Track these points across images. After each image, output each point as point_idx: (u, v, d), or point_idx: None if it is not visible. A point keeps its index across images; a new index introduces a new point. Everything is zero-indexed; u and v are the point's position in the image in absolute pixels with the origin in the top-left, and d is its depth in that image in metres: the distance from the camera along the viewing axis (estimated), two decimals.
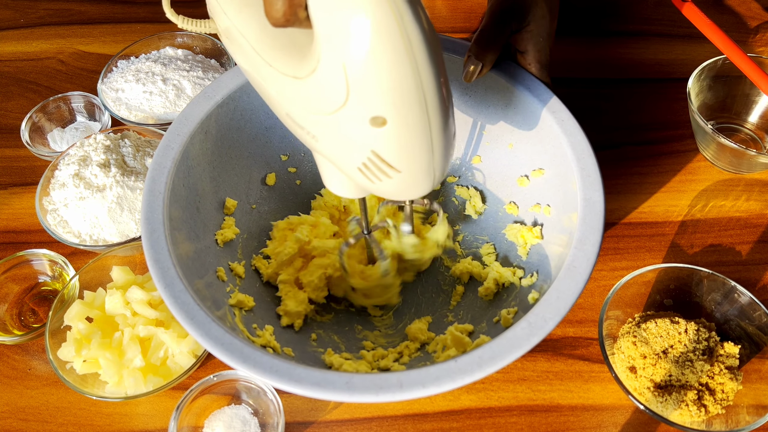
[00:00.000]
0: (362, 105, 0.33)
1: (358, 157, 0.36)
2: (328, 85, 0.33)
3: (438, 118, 0.35)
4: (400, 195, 0.39)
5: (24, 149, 0.72)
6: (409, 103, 0.33)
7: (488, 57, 0.53)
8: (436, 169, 0.38)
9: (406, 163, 0.36)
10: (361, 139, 0.35)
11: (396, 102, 0.33)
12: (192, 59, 0.77)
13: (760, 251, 0.63)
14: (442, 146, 0.37)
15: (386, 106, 0.33)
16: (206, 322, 0.43)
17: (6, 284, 0.61)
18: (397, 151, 0.35)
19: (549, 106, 0.53)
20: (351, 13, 0.30)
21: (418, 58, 0.32)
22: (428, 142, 0.36)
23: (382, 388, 0.40)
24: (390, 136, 0.34)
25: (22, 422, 0.55)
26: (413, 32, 0.31)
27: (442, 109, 0.35)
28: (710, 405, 0.52)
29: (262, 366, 0.41)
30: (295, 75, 0.36)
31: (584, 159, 0.50)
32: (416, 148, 0.36)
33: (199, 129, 0.53)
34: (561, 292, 0.44)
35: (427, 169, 0.37)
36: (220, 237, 0.55)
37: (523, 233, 0.55)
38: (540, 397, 0.55)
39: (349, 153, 0.37)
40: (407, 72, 0.32)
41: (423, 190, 0.39)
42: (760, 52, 0.80)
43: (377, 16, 0.30)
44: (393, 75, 0.32)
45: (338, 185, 0.44)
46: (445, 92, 0.35)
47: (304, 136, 0.39)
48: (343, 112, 0.34)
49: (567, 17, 0.85)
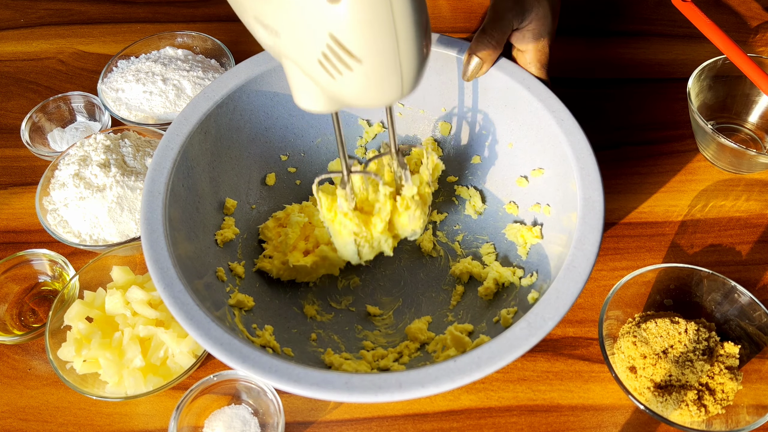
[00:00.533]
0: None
1: (318, 45, 0.35)
2: None
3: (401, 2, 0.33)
4: (365, 96, 0.37)
5: (24, 149, 0.72)
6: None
7: (489, 55, 0.53)
8: (403, 66, 0.36)
9: (365, 49, 0.34)
10: (318, 22, 0.34)
11: None
12: (192, 59, 0.77)
13: (760, 251, 0.63)
14: (408, 34, 0.35)
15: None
16: (205, 322, 0.43)
17: (6, 284, 0.61)
18: (355, 33, 0.34)
19: (548, 105, 0.53)
20: None
21: None
22: (390, 25, 0.34)
23: (381, 388, 0.40)
24: (347, 13, 0.33)
25: (22, 422, 0.55)
26: None
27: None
28: (710, 405, 0.52)
29: (261, 366, 0.41)
30: None
31: (584, 158, 0.50)
32: (376, 30, 0.34)
33: (198, 129, 0.53)
34: (560, 291, 0.44)
35: (391, 62, 0.35)
36: (219, 237, 0.55)
37: (522, 233, 0.55)
38: (540, 397, 0.55)
39: (309, 42, 0.35)
40: None
41: (392, 92, 0.37)
42: (760, 52, 0.80)
43: None
44: None
45: (308, 96, 0.40)
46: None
47: (268, 38, 0.38)
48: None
49: (567, 17, 0.85)
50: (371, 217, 0.52)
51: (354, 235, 0.52)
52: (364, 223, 0.51)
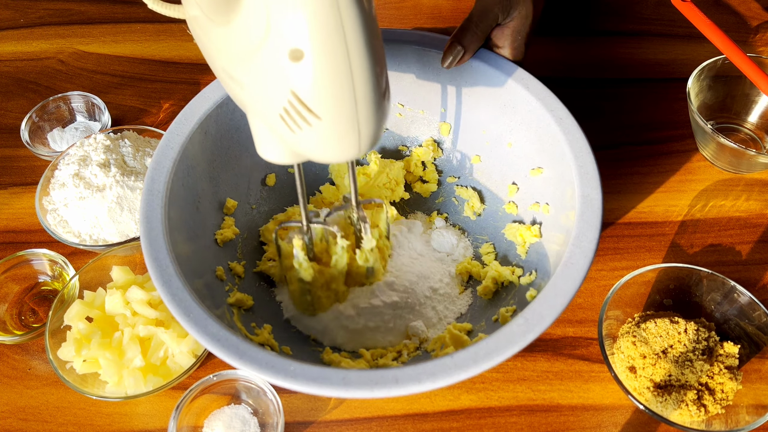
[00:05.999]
0: (281, 38, 0.33)
1: (279, 100, 0.36)
2: (251, 22, 0.34)
3: (360, 57, 0.34)
4: (323, 152, 0.38)
5: (24, 149, 0.72)
6: (327, 38, 0.33)
7: (471, 45, 0.53)
8: (361, 123, 0.37)
9: (325, 107, 0.35)
10: (281, 78, 0.35)
11: (313, 34, 0.33)
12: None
13: (760, 251, 0.63)
14: (368, 95, 0.36)
15: (304, 38, 0.33)
16: (203, 319, 0.43)
17: (6, 284, 0.61)
18: (315, 90, 0.35)
19: (547, 105, 0.53)
20: None
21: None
22: (349, 86, 0.35)
23: (378, 384, 0.40)
24: (308, 71, 0.34)
25: (22, 422, 0.55)
26: None
27: (365, 47, 0.34)
28: (710, 405, 0.52)
29: (258, 362, 0.41)
30: (226, 21, 0.36)
31: (582, 157, 0.50)
32: (336, 88, 0.35)
33: (198, 129, 0.53)
34: (558, 288, 0.44)
35: (350, 121, 0.36)
36: (219, 237, 0.55)
37: (522, 232, 0.55)
38: (540, 397, 0.55)
39: (270, 96, 0.36)
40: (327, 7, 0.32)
41: (348, 150, 0.38)
42: (760, 52, 0.80)
43: None
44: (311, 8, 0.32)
45: (269, 147, 0.42)
46: (372, 39, 0.34)
47: (235, 89, 0.39)
48: (265, 50, 0.34)
49: (567, 17, 0.85)
50: (327, 269, 0.53)
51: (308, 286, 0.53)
52: (319, 274, 0.53)
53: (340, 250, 0.52)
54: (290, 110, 0.36)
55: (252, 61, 0.36)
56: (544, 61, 0.79)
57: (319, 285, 0.53)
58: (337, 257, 0.53)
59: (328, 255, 0.54)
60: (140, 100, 0.77)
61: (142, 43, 0.83)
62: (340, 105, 0.36)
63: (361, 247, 0.52)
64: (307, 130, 0.36)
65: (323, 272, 0.53)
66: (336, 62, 0.34)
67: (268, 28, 0.34)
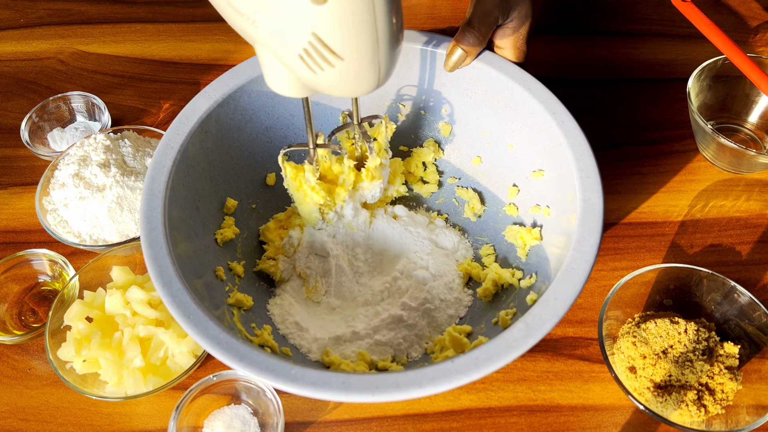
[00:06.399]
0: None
1: (299, 41, 0.35)
2: None
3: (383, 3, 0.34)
4: (343, 89, 0.38)
5: (24, 149, 0.72)
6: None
7: (472, 48, 0.53)
8: (381, 60, 0.36)
9: (348, 49, 0.35)
10: (302, 20, 0.34)
11: None
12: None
13: (760, 251, 0.63)
14: (388, 34, 0.35)
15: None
16: (203, 321, 0.43)
17: (6, 284, 0.61)
18: (339, 33, 0.34)
19: (549, 107, 0.53)
20: None
21: None
22: (372, 26, 0.34)
23: (379, 388, 0.40)
24: (332, 14, 0.33)
25: (22, 422, 0.55)
26: None
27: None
28: (710, 405, 0.52)
29: (258, 365, 0.41)
30: None
31: (584, 160, 0.50)
32: (359, 30, 0.34)
33: (199, 128, 0.53)
34: (559, 293, 0.44)
35: (371, 60, 0.36)
36: (219, 236, 0.55)
37: (522, 234, 0.55)
38: (540, 397, 0.55)
39: (290, 37, 0.35)
40: None
41: (368, 86, 0.38)
42: (760, 52, 0.80)
43: None
44: None
45: (281, 82, 0.41)
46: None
47: (243, 24, 0.37)
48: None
49: (567, 17, 0.85)
50: (335, 187, 0.55)
51: (318, 205, 0.55)
52: (328, 193, 0.54)
53: (347, 169, 0.53)
54: (311, 51, 0.35)
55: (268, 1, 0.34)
56: (544, 61, 0.79)
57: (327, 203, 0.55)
58: (344, 176, 0.54)
59: (333, 173, 0.55)
60: (140, 100, 0.77)
61: (142, 43, 0.83)
62: (363, 46, 0.35)
63: (366, 166, 0.54)
64: (329, 71, 0.36)
65: (331, 191, 0.55)
66: (360, 5, 0.33)
67: None
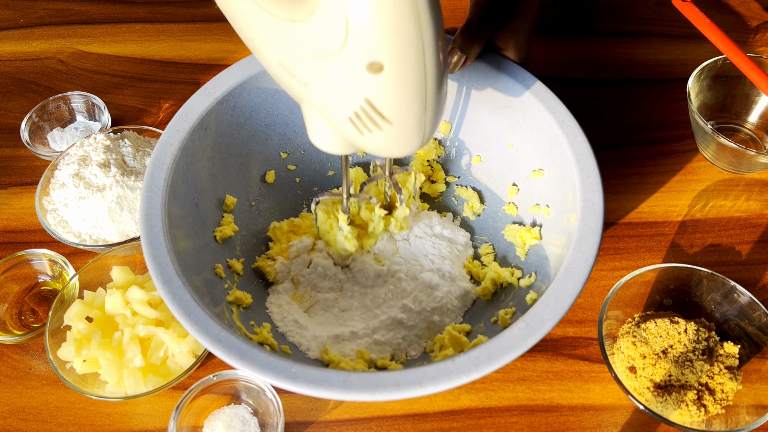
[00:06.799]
0: (361, 49, 0.33)
1: (351, 105, 0.36)
2: (326, 27, 0.33)
3: (434, 69, 0.34)
4: (388, 150, 0.38)
5: (24, 149, 0.72)
6: (409, 50, 0.33)
7: (472, 50, 0.53)
8: (427, 124, 0.37)
9: (398, 114, 0.36)
10: (355, 86, 0.35)
11: (395, 47, 0.32)
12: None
13: (760, 251, 0.63)
14: (436, 100, 0.36)
15: (385, 52, 0.32)
16: (204, 319, 0.43)
17: (6, 284, 0.61)
18: (392, 100, 0.35)
19: (550, 107, 0.53)
20: None
21: (420, 5, 0.32)
22: (422, 93, 0.35)
23: (379, 387, 0.40)
24: (386, 83, 0.34)
25: (22, 422, 0.55)
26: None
27: (438, 60, 0.34)
28: (710, 405, 0.52)
29: (259, 363, 0.41)
30: (292, 18, 0.35)
31: (584, 160, 0.50)
32: (410, 98, 0.35)
33: (198, 126, 0.53)
34: (559, 293, 0.44)
35: (418, 124, 0.37)
36: (218, 234, 0.55)
37: (521, 234, 0.55)
38: (540, 397, 0.55)
39: (341, 101, 0.36)
40: (408, 17, 0.32)
41: (412, 147, 0.39)
42: (760, 52, 0.80)
43: None
44: (394, 19, 0.31)
45: (325, 139, 0.42)
46: (441, 44, 0.34)
47: (294, 85, 0.38)
48: (340, 57, 0.34)
49: (567, 17, 0.85)
50: (364, 233, 0.58)
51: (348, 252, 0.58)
52: (357, 238, 0.57)
53: (377, 218, 0.55)
54: (361, 115, 0.36)
55: (322, 65, 0.35)
56: (544, 61, 0.79)
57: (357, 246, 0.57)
58: (374, 225, 0.56)
59: (362, 219, 0.57)
60: (140, 100, 0.77)
61: (142, 43, 0.83)
62: (412, 111, 0.36)
63: (395, 216, 0.56)
64: (377, 133, 0.37)
65: (361, 236, 0.57)
66: (414, 73, 0.34)
67: (346, 38, 0.33)
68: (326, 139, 0.42)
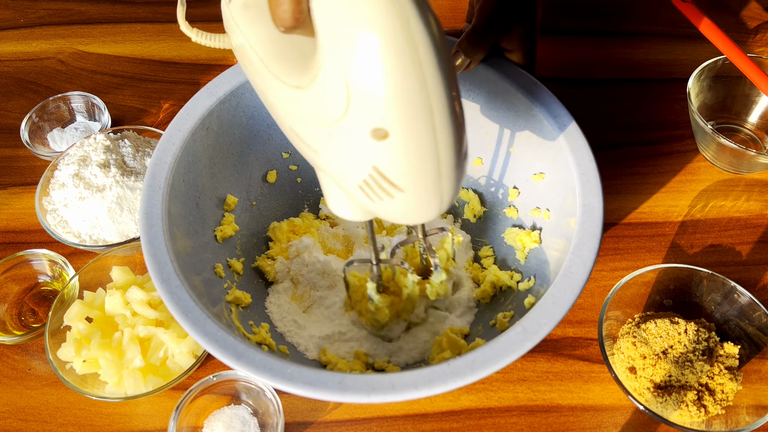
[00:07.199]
0: (363, 115, 0.31)
1: (359, 173, 0.34)
2: (328, 93, 0.32)
3: (447, 133, 0.32)
4: (405, 218, 0.36)
5: (24, 149, 0.72)
6: (414, 115, 0.31)
7: (477, 54, 0.53)
8: (444, 190, 0.35)
9: (410, 181, 0.33)
10: (361, 154, 0.33)
11: (399, 113, 0.30)
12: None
13: (760, 251, 0.63)
14: (452, 165, 0.34)
15: (388, 118, 0.31)
16: (201, 319, 0.43)
17: (6, 284, 0.61)
18: (400, 168, 0.33)
19: (551, 110, 0.53)
20: (353, 16, 0.28)
21: (425, 68, 0.29)
22: (434, 159, 0.33)
23: (374, 389, 0.40)
24: (392, 150, 0.32)
25: (22, 422, 0.55)
26: (420, 39, 0.28)
27: (451, 123, 0.32)
28: (710, 405, 0.52)
29: (255, 363, 0.41)
30: (298, 85, 0.34)
31: (585, 164, 0.50)
32: (421, 165, 0.33)
33: (200, 125, 0.53)
34: (557, 297, 0.44)
35: (433, 190, 0.34)
36: (219, 233, 0.55)
37: (521, 237, 0.55)
38: (540, 398, 0.55)
39: (349, 169, 0.34)
40: (412, 81, 0.29)
41: (430, 214, 0.36)
42: (760, 52, 0.80)
43: (381, 21, 0.28)
44: (397, 84, 0.29)
45: (341, 206, 0.41)
46: (456, 106, 0.32)
47: (306, 151, 0.37)
48: (344, 123, 0.32)
49: (567, 17, 0.85)
50: (398, 300, 0.53)
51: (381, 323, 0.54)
52: (389, 306, 0.52)
53: (411, 284, 0.52)
54: (371, 183, 0.34)
55: (328, 131, 0.34)
56: (545, 61, 0.79)
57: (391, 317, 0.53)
58: (408, 291, 0.52)
59: (396, 284, 0.54)
60: (140, 100, 0.77)
61: (142, 43, 0.83)
62: (425, 178, 0.34)
63: (431, 281, 0.52)
64: (389, 201, 0.35)
65: (394, 303, 0.53)
66: (423, 139, 0.32)
67: (348, 105, 0.31)
68: (344, 206, 0.41)
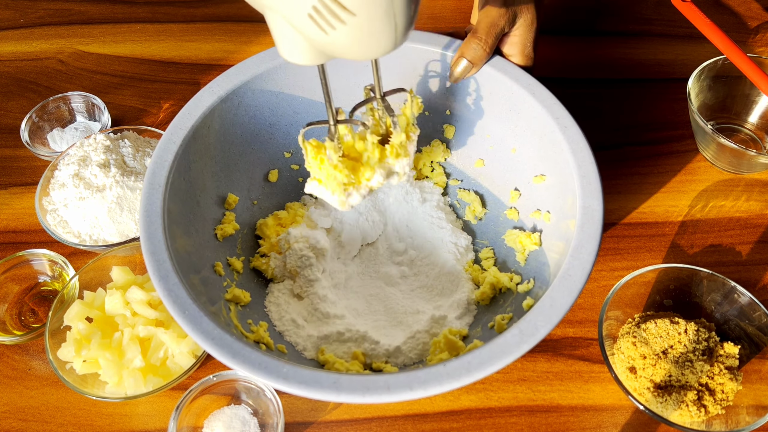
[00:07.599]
0: None
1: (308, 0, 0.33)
2: None
3: None
4: (358, 50, 0.35)
5: (24, 149, 0.72)
6: None
7: (479, 60, 0.54)
8: (396, 13, 0.33)
9: (360, 1, 0.32)
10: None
11: None
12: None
13: (760, 251, 0.63)
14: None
15: None
16: (199, 317, 0.43)
17: (6, 284, 0.61)
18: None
19: (552, 112, 0.53)
20: None
21: None
22: None
23: (369, 390, 0.40)
24: None
25: (22, 422, 0.55)
26: None
27: None
28: (710, 405, 0.52)
29: (251, 362, 0.41)
30: None
31: (585, 166, 0.50)
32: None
33: (202, 124, 0.53)
34: (555, 300, 0.44)
35: (386, 13, 0.33)
36: (219, 232, 0.55)
37: (521, 239, 0.55)
38: (540, 398, 0.55)
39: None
40: None
41: (384, 45, 0.35)
42: (760, 52, 0.80)
43: None
44: None
45: (294, 49, 0.38)
46: None
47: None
48: None
49: (567, 17, 0.85)
50: (359, 165, 0.50)
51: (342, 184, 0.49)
52: (353, 171, 0.49)
53: (370, 145, 0.49)
54: (321, 9, 0.33)
55: None
56: (544, 61, 0.79)
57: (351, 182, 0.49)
58: (368, 154, 0.49)
59: (356, 151, 0.50)
60: (140, 100, 0.77)
61: (142, 43, 0.83)
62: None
63: (391, 142, 0.49)
64: (341, 29, 0.33)
65: (356, 169, 0.50)
66: None
67: None
68: (295, 47, 0.38)
